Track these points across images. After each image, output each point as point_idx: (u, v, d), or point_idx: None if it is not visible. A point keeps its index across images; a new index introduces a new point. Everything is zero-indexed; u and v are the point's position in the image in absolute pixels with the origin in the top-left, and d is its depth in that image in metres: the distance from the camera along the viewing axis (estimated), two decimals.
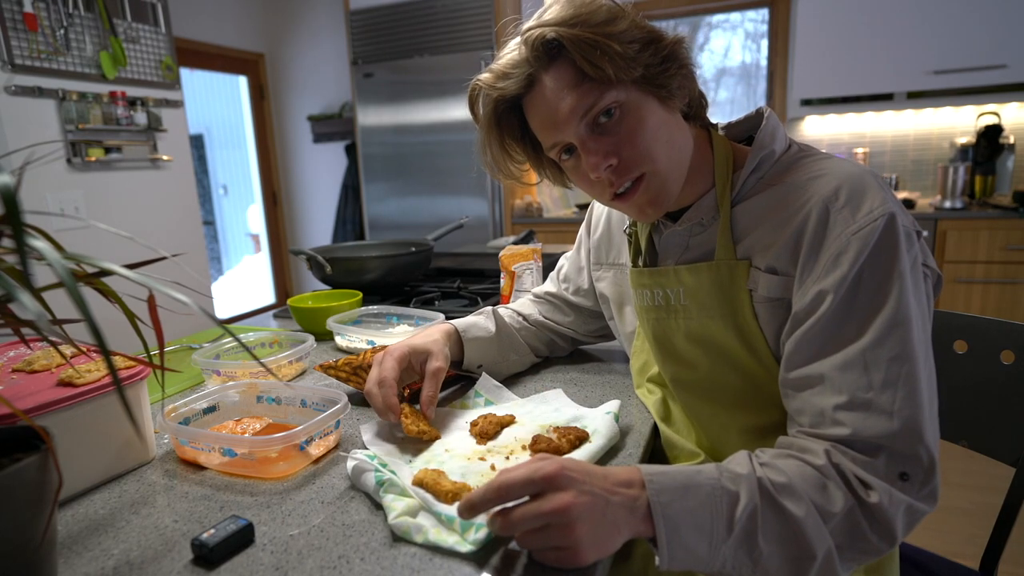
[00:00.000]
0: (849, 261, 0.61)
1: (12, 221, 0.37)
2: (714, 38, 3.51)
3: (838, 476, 0.58)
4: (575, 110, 0.67)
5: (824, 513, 0.56)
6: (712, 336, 0.74)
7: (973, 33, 2.69)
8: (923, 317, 0.63)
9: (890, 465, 0.58)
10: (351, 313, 1.22)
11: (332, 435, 0.74)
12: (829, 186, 0.66)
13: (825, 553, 0.56)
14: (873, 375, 0.59)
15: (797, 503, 0.56)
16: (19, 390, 0.66)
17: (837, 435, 0.60)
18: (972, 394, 0.99)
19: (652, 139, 0.68)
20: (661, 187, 0.70)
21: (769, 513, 0.56)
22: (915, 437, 0.58)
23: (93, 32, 2.42)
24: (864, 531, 0.57)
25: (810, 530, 0.56)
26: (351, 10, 3.39)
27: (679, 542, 0.54)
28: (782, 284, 0.67)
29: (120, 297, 0.49)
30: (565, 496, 0.51)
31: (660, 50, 0.67)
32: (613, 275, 0.94)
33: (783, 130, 0.75)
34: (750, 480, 0.57)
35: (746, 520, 0.55)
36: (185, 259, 2.83)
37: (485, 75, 0.71)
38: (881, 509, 0.56)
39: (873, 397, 0.59)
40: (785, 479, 0.57)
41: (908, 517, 0.58)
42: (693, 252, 0.76)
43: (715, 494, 0.56)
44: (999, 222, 2.60)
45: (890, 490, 0.57)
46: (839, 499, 0.57)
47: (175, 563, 0.54)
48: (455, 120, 3.32)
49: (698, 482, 0.56)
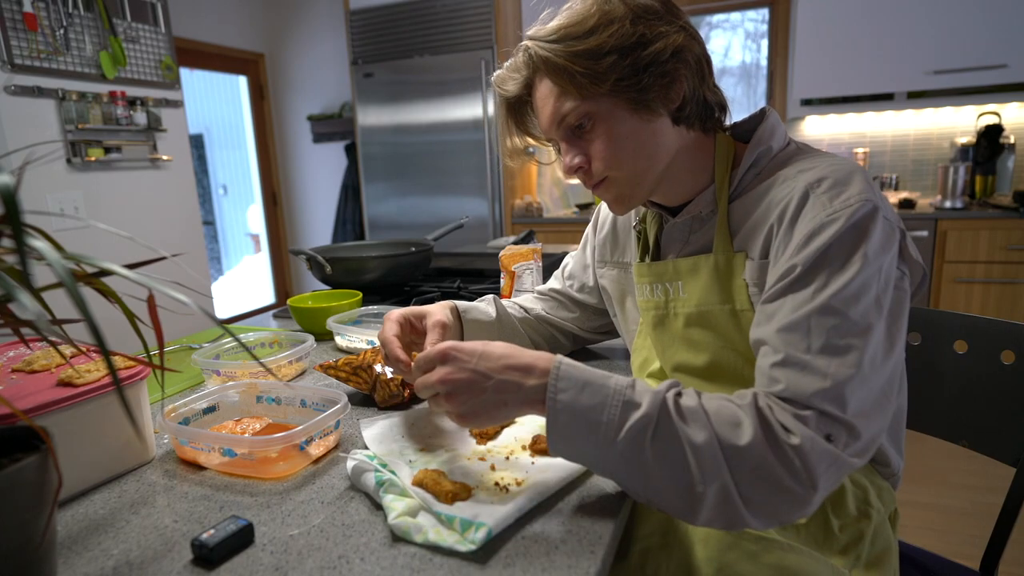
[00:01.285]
0: (820, 240, 0.62)
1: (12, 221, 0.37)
2: (714, 38, 3.50)
3: (757, 415, 0.57)
4: (552, 118, 0.75)
5: (726, 445, 0.55)
6: (711, 323, 0.76)
7: (973, 33, 2.69)
8: (885, 298, 0.63)
9: (819, 425, 0.57)
10: (351, 313, 1.22)
11: (332, 435, 0.74)
12: (814, 176, 0.68)
13: (719, 488, 0.55)
14: (813, 339, 0.60)
15: (697, 428, 0.56)
16: (19, 390, 0.66)
17: (772, 390, 0.60)
18: (972, 394, 0.99)
19: (618, 148, 0.73)
20: (622, 190, 0.77)
21: (663, 431, 0.56)
22: (842, 405, 0.57)
23: (93, 32, 2.42)
24: (777, 473, 0.55)
25: (704, 458, 0.55)
26: (351, 10, 3.39)
27: (564, 432, 0.58)
28: (765, 268, 0.69)
29: (120, 297, 0.49)
30: (443, 370, 0.63)
31: (640, 59, 0.69)
32: (617, 273, 0.95)
33: (783, 128, 0.77)
34: (656, 396, 0.58)
35: (637, 430, 0.56)
36: (185, 259, 2.83)
37: (498, 72, 0.80)
38: (802, 451, 0.55)
39: (810, 359, 0.59)
40: (695, 404, 0.58)
41: (834, 468, 0.57)
42: (693, 246, 0.79)
43: (615, 397, 0.58)
44: (999, 222, 2.60)
45: (814, 438, 0.56)
46: (747, 434, 0.56)
47: (175, 563, 0.54)
48: (455, 120, 3.32)
49: (603, 383, 0.59)
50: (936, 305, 2.76)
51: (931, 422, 1.04)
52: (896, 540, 0.79)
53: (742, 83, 3.49)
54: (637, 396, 0.58)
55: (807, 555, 0.69)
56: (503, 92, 0.79)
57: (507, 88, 0.79)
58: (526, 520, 0.59)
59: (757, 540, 0.68)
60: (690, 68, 0.71)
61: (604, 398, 0.58)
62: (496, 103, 0.83)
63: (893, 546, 0.77)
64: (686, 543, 0.69)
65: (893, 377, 0.63)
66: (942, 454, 2.30)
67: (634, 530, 0.72)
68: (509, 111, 0.82)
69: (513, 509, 0.58)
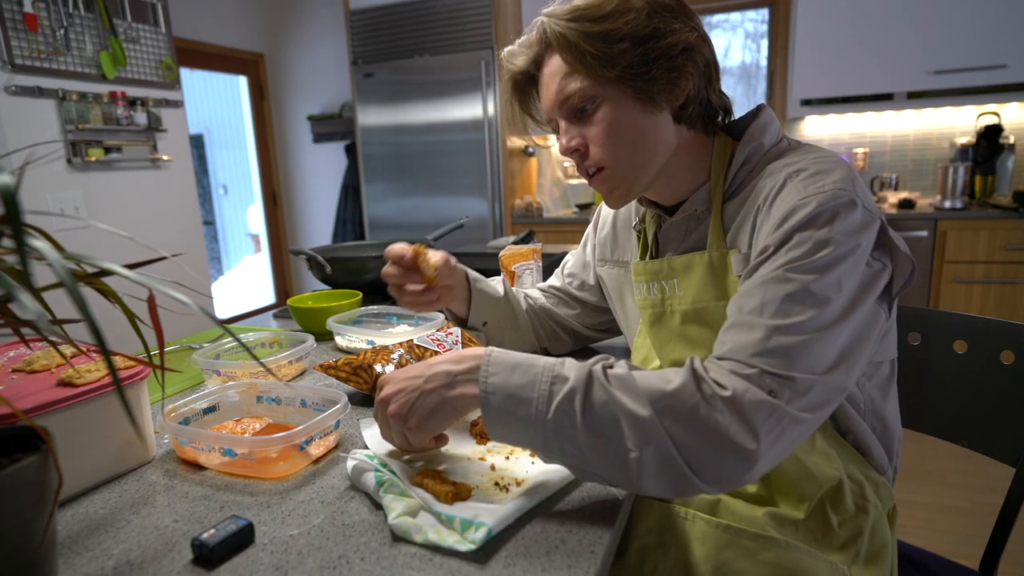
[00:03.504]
0: (792, 220, 0.63)
1: (12, 221, 0.37)
2: (714, 38, 3.50)
3: (689, 371, 0.57)
4: (557, 96, 0.75)
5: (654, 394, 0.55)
6: (708, 319, 0.77)
7: (973, 33, 2.69)
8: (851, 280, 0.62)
9: (760, 380, 0.56)
10: (351, 313, 1.22)
11: (332, 435, 0.74)
12: (795, 168, 0.69)
13: (659, 449, 0.54)
14: (766, 304, 0.60)
15: (625, 392, 0.56)
16: (19, 390, 0.66)
17: (717, 353, 0.61)
18: (972, 394, 0.99)
19: (617, 136, 0.73)
20: (619, 183, 0.77)
21: (592, 399, 0.56)
22: (787, 364, 0.57)
23: (93, 32, 2.42)
24: (714, 422, 0.54)
25: (635, 421, 0.55)
26: (351, 10, 3.39)
27: (497, 413, 0.59)
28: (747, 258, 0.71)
29: (120, 297, 0.49)
30: (381, 393, 0.65)
31: (652, 51, 0.70)
32: (617, 272, 0.96)
33: (777, 125, 0.77)
34: (583, 368, 0.59)
35: (565, 402, 0.56)
36: (185, 259, 2.83)
37: (509, 48, 0.80)
38: (734, 399, 0.54)
39: (758, 320, 0.60)
40: (624, 372, 0.58)
41: (774, 419, 0.55)
42: (689, 244, 0.80)
43: (544, 375, 0.59)
44: (999, 222, 2.60)
45: (749, 387, 0.55)
46: (675, 382, 0.56)
47: (175, 563, 0.54)
48: (455, 120, 3.32)
49: (532, 363, 0.60)
50: (936, 305, 2.76)
51: (931, 422, 1.04)
52: (894, 536, 0.80)
53: (742, 83, 3.49)
54: (565, 371, 0.59)
55: (805, 552, 0.69)
56: (511, 66, 0.80)
57: (516, 62, 0.79)
58: (526, 520, 0.59)
59: (755, 538, 0.68)
60: (698, 68, 0.72)
61: (534, 376, 0.59)
62: (502, 80, 0.83)
63: (890, 542, 0.77)
64: (683, 541, 0.69)
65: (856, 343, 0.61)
66: (941, 454, 2.31)
67: (631, 529, 0.72)
68: (515, 89, 0.82)
69: (513, 509, 0.59)
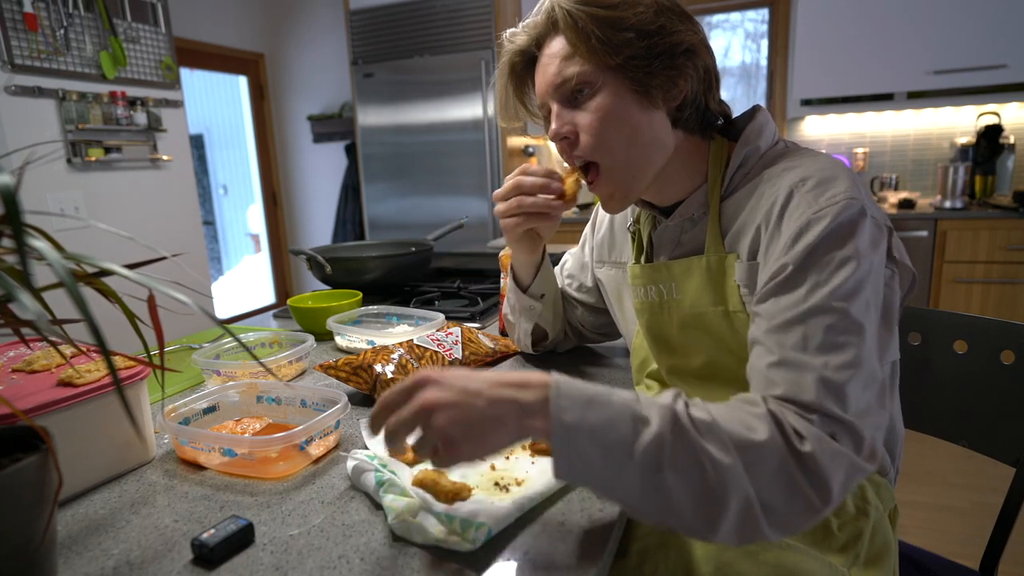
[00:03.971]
0: (808, 238, 0.62)
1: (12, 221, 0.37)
2: (714, 38, 3.50)
3: (773, 421, 0.55)
4: (554, 79, 0.73)
5: (747, 453, 0.52)
6: (705, 325, 0.76)
7: (973, 33, 2.68)
8: (877, 297, 0.62)
9: (823, 426, 0.56)
10: (351, 313, 1.22)
11: (332, 435, 0.74)
12: (799, 175, 0.68)
13: (743, 501, 0.51)
14: (810, 338, 0.59)
15: (715, 442, 0.52)
16: (19, 390, 0.66)
17: (773, 393, 0.59)
18: (972, 394, 0.99)
19: (608, 127, 0.72)
20: (619, 182, 0.75)
21: (679, 446, 0.52)
22: (843, 404, 0.56)
23: (93, 32, 2.42)
24: (799, 483, 0.53)
25: (726, 472, 0.51)
26: (351, 10, 3.39)
27: (574, 453, 0.52)
28: (755, 269, 0.69)
29: (120, 297, 0.49)
30: (424, 394, 0.53)
31: (656, 46, 0.69)
32: (615, 273, 0.96)
33: (772, 127, 0.77)
34: (666, 410, 0.53)
35: (652, 449, 0.51)
36: (185, 259, 2.83)
37: (512, 29, 0.79)
38: (813, 458, 0.53)
39: (807, 359, 0.58)
40: (708, 417, 0.54)
41: (845, 472, 0.54)
42: (685, 247, 0.79)
43: (623, 414, 0.53)
44: (999, 222, 2.60)
45: (823, 438, 0.54)
46: (763, 433, 0.53)
47: (175, 563, 0.54)
48: (455, 120, 3.32)
49: (608, 399, 0.54)
50: (936, 305, 2.76)
51: (931, 422, 1.04)
52: (896, 538, 0.79)
53: (742, 83, 3.49)
54: (645, 410, 0.53)
55: (805, 553, 0.69)
56: (512, 44, 0.78)
57: (517, 40, 0.78)
58: (526, 520, 0.59)
59: None
60: (697, 71, 0.72)
61: (613, 415, 0.53)
62: (500, 60, 0.81)
63: (892, 544, 0.77)
64: (684, 542, 0.69)
65: (886, 381, 0.63)
66: (942, 454, 2.30)
67: (632, 529, 0.72)
68: (511, 73, 0.81)
69: (513, 509, 0.59)
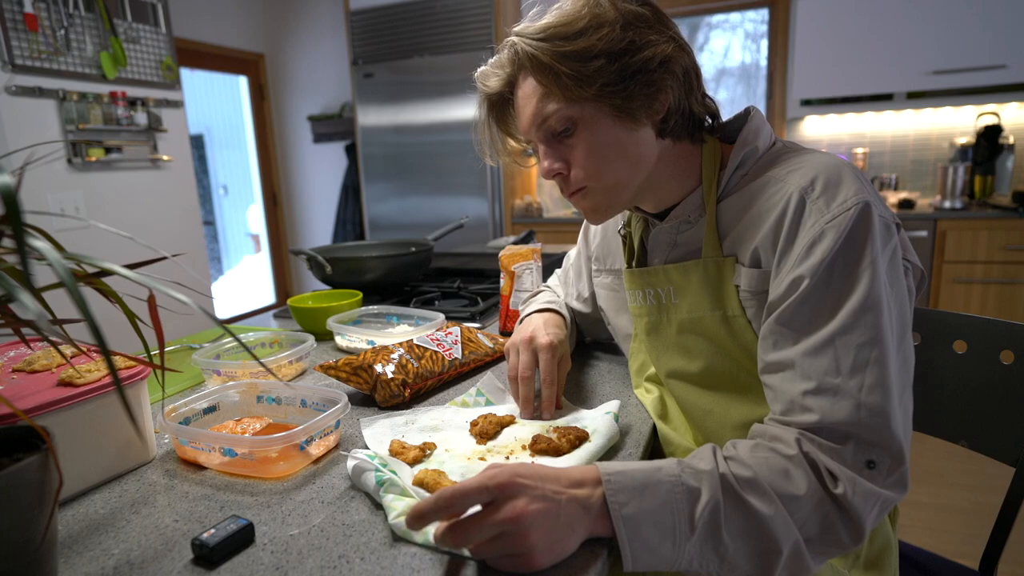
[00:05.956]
0: (823, 249, 0.62)
1: (12, 221, 0.37)
2: (714, 38, 3.51)
3: (808, 466, 0.58)
4: (533, 119, 0.73)
5: (790, 504, 0.56)
6: (704, 330, 0.75)
7: (973, 33, 2.69)
8: (898, 305, 0.63)
9: (857, 452, 0.58)
10: (351, 313, 1.22)
11: (332, 435, 0.75)
12: (806, 178, 0.66)
13: (792, 546, 0.56)
14: (842, 361, 0.59)
15: (762, 498, 0.56)
16: (19, 390, 0.66)
17: (806, 422, 0.60)
18: (972, 394, 0.99)
19: (599, 158, 0.72)
20: (601, 200, 0.75)
21: (732, 509, 0.55)
22: (883, 424, 0.58)
23: (93, 32, 2.42)
24: (834, 523, 0.57)
25: (776, 524, 0.55)
26: (351, 10, 3.39)
27: (641, 542, 0.53)
28: (763, 277, 0.68)
29: (120, 297, 0.49)
30: (518, 503, 0.51)
31: (628, 66, 0.67)
32: (611, 280, 0.95)
33: (768, 128, 0.76)
34: (712, 476, 0.56)
35: (708, 517, 0.54)
36: (185, 259, 2.83)
37: (482, 68, 0.78)
38: (846, 499, 0.56)
39: (841, 383, 0.59)
40: (750, 473, 0.57)
41: (878, 508, 0.58)
42: (680, 250, 0.78)
43: (675, 491, 0.55)
44: (999, 222, 2.60)
45: (855, 479, 0.57)
46: (803, 485, 0.56)
47: (175, 563, 0.54)
48: (455, 120, 3.32)
49: (657, 480, 0.56)
50: (936, 305, 2.76)
51: (930, 422, 1.04)
52: (896, 539, 0.79)
53: (742, 83, 3.49)
54: (694, 481, 0.56)
55: None
56: (485, 88, 0.78)
57: (489, 84, 0.77)
58: None
59: None
60: (677, 80, 0.70)
61: (666, 496, 0.55)
62: (478, 100, 0.81)
63: (892, 545, 0.77)
64: None
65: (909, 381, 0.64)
66: (941, 454, 2.31)
67: None
68: (491, 109, 0.80)
69: None
